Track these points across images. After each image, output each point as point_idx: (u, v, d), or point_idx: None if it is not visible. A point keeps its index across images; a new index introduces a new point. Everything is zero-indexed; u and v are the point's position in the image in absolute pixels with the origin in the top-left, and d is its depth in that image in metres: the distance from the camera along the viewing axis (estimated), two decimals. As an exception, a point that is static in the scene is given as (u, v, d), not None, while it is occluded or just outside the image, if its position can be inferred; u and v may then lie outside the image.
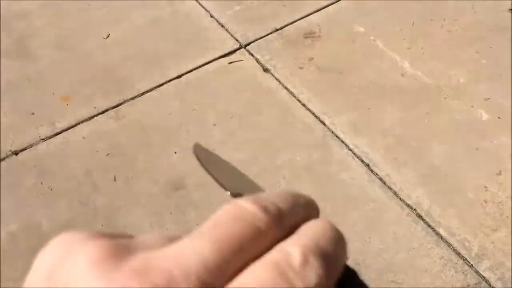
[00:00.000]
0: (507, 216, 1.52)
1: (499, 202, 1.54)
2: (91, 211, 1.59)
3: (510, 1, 2.15)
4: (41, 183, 1.67)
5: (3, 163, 1.73)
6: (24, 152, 1.76)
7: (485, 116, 1.77)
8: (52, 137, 1.80)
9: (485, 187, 1.58)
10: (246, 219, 0.23)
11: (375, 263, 1.44)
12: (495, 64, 1.94)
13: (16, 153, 1.75)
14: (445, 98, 1.83)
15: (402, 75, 1.92)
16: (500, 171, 1.62)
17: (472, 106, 1.80)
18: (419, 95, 1.85)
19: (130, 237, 0.24)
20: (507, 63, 1.94)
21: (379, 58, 1.98)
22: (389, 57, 1.98)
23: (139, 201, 1.61)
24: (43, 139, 1.79)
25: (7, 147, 1.76)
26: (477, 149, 1.68)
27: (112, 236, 0.23)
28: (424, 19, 2.12)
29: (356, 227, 1.52)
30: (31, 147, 1.77)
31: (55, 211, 1.60)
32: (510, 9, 2.12)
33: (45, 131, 1.82)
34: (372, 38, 2.06)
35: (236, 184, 0.34)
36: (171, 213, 1.58)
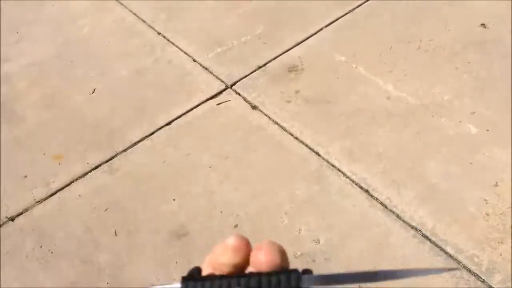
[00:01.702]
0: (510, 227, 1.53)
1: (501, 214, 1.56)
2: (95, 269, 1.56)
3: (480, 17, 2.23)
4: (41, 247, 1.64)
5: (0, 230, 1.69)
6: (20, 216, 1.73)
7: (474, 130, 1.80)
8: (48, 198, 1.78)
9: (485, 200, 1.59)
10: None
11: (388, 290, 1.43)
12: (475, 78, 1.99)
13: (12, 219, 1.72)
14: (433, 116, 1.87)
15: (387, 98, 1.95)
16: (497, 183, 1.64)
17: (460, 121, 1.83)
18: (407, 116, 1.88)
19: None
20: (486, 75, 1.99)
21: (363, 84, 2.02)
22: (373, 82, 2.03)
23: (143, 254, 1.59)
24: (39, 201, 1.77)
25: (2, 214, 1.73)
26: (471, 163, 1.70)
27: None
28: (401, 42, 2.18)
29: (364, 254, 1.52)
30: (27, 211, 1.74)
31: (58, 274, 1.57)
32: (481, 24, 2.19)
33: (39, 193, 1.80)
34: (353, 65, 2.10)
35: None
36: (176, 262, 1.56)
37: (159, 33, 2.43)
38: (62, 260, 1.60)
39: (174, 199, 1.71)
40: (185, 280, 0.33)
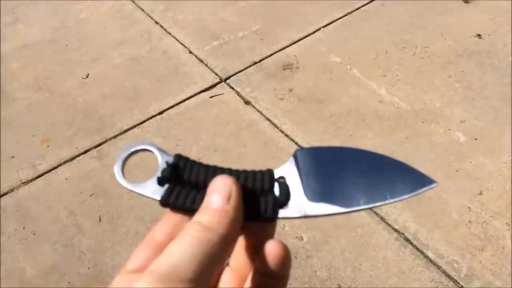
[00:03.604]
0: (491, 235, 1.55)
1: (483, 222, 1.57)
2: (76, 254, 1.56)
3: (476, 28, 2.25)
4: (24, 228, 1.63)
5: (-17, 209, 1.68)
6: (5, 197, 1.72)
7: (462, 138, 1.82)
8: (34, 180, 1.77)
9: (469, 207, 1.61)
10: None
11: (367, 290, 1.44)
12: (467, 88, 2.01)
13: (-4, 198, 1.71)
14: (423, 122, 1.88)
15: (380, 101, 1.97)
16: (481, 191, 1.65)
17: (449, 129, 1.85)
18: (397, 121, 1.89)
19: None
20: (479, 85, 2.01)
21: (356, 86, 2.03)
22: (366, 85, 2.04)
23: (126, 241, 1.58)
24: (24, 183, 1.76)
25: (-13, 193, 1.72)
26: (457, 170, 1.72)
27: None
28: (396, 47, 2.20)
29: (346, 254, 1.52)
30: (12, 191, 1.74)
31: (38, 256, 1.56)
32: (477, 35, 2.21)
33: (26, 174, 1.79)
34: (348, 67, 2.11)
35: None
36: (159, 251, 1.55)
37: (156, 23, 2.42)
38: (44, 243, 1.59)
39: (160, 189, 1.71)
40: (178, 156, 0.34)
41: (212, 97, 2.03)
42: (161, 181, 0.34)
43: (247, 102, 2.00)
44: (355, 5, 2.42)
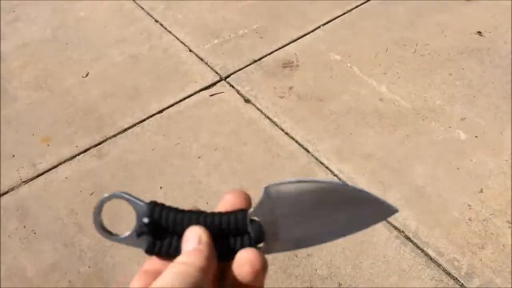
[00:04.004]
0: (492, 233, 1.54)
1: (484, 220, 1.57)
2: (77, 252, 1.56)
3: (477, 25, 2.24)
4: (24, 227, 1.63)
5: (-17, 208, 1.68)
6: (5, 196, 1.72)
7: (463, 136, 1.82)
8: (34, 179, 1.77)
9: (469, 205, 1.61)
10: None
11: (368, 288, 1.44)
12: (468, 85, 2.00)
13: (-3, 197, 1.71)
14: (423, 120, 1.88)
15: (380, 99, 1.96)
16: (482, 189, 1.65)
17: (450, 127, 1.85)
18: (398, 119, 1.89)
19: None
20: (479, 83, 2.01)
21: (357, 84, 2.03)
22: (367, 83, 2.03)
23: (126, 240, 1.58)
24: (25, 182, 1.76)
25: (-13, 192, 1.72)
26: (458, 168, 1.72)
27: None
28: (397, 45, 2.19)
29: (346, 252, 1.52)
30: (12, 190, 1.74)
31: (39, 255, 1.56)
32: (478, 32, 2.21)
33: (26, 173, 1.79)
34: (348, 65, 2.11)
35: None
36: (159, 250, 1.56)
37: (156, 21, 2.42)
38: (44, 242, 1.59)
39: (161, 187, 1.71)
40: (152, 203, 0.37)
41: (212, 95, 2.03)
42: (140, 236, 0.37)
43: (247, 101, 1.99)
44: (355, 3, 2.41)
